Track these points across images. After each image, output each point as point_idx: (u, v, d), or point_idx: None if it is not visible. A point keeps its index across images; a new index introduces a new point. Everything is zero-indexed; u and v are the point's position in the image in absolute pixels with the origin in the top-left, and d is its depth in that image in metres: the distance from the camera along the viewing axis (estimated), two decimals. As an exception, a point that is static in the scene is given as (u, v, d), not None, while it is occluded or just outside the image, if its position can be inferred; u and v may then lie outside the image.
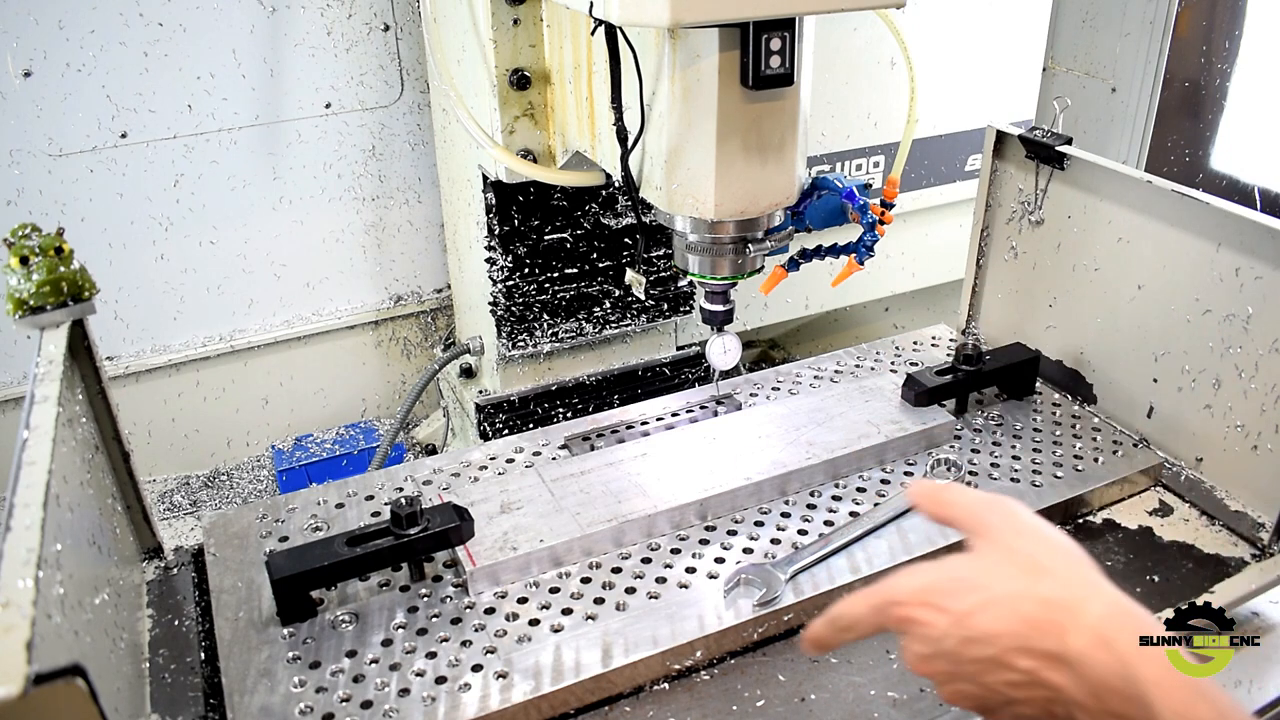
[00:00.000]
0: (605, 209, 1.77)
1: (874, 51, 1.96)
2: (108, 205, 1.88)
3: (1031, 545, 0.77)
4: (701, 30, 1.06)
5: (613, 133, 1.23)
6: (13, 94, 1.74)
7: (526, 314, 1.80)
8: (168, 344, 2.04)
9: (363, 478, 1.37)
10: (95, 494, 1.07)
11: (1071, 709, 0.71)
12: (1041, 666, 0.71)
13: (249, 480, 2.18)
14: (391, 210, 2.14)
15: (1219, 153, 2.16)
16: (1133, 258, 1.42)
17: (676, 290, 1.90)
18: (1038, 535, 0.78)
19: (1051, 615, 0.72)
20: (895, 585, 0.79)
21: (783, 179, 1.19)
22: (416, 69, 2.03)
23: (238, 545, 1.24)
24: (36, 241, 1.06)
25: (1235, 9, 2.07)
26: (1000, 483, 1.34)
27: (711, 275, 1.28)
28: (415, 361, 2.31)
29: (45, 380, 0.98)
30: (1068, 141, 1.49)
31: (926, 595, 0.76)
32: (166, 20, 1.80)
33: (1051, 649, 0.71)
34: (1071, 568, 0.76)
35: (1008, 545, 0.77)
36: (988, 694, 0.75)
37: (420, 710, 1.00)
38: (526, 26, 1.46)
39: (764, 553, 1.22)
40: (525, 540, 1.18)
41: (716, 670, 1.10)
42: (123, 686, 0.96)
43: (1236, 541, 1.29)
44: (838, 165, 2.04)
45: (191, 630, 1.16)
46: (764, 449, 1.35)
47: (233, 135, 1.93)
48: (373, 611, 1.13)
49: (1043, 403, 1.53)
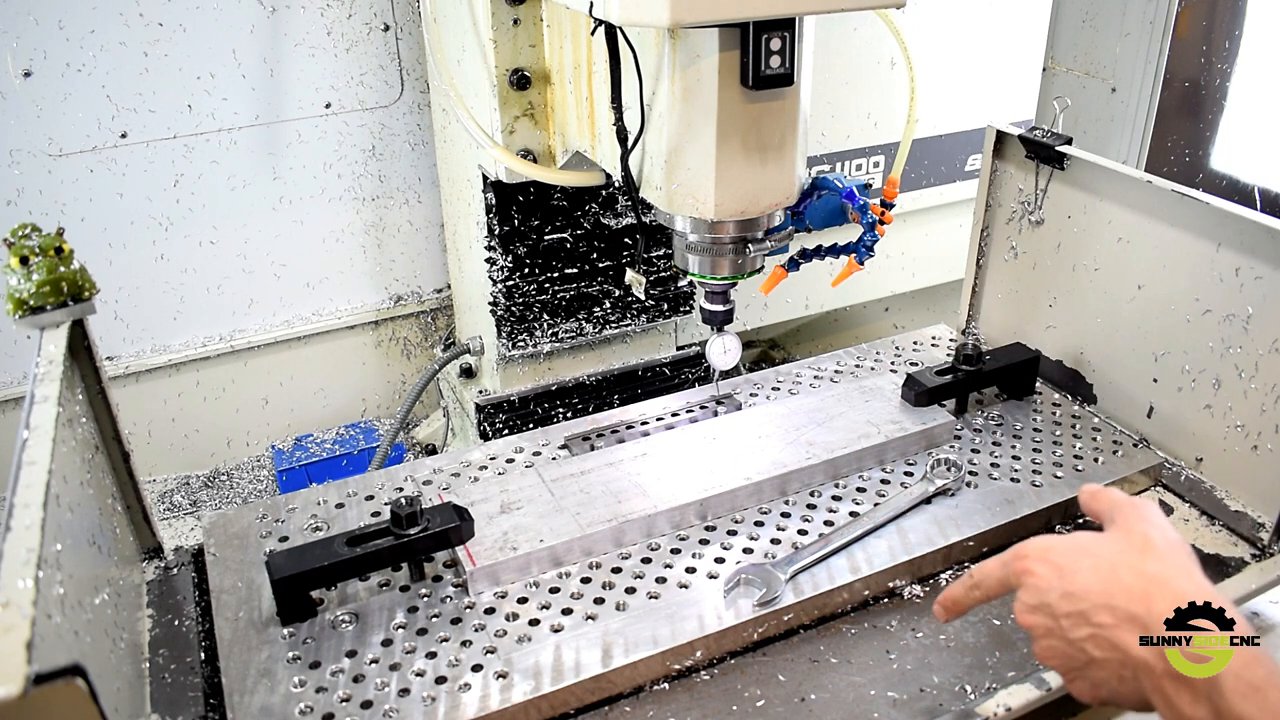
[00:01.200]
0: (605, 209, 1.77)
1: (874, 51, 1.96)
2: (108, 205, 1.88)
3: (1148, 529, 0.85)
4: (701, 30, 1.06)
5: (613, 133, 1.23)
6: (13, 94, 1.74)
7: (526, 314, 1.80)
8: (168, 344, 2.04)
9: (363, 478, 1.37)
10: (95, 494, 1.07)
11: (1138, 672, 0.77)
12: (1119, 624, 0.78)
13: (249, 480, 2.18)
14: (391, 210, 2.14)
15: (1219, 153, 2.16)
16: (1133, 258, 1.42)
17: (676, 290, 1.90)
18: (1157, 524, 0.86)
19: (1143, 585, 0.79)
20: (1025, 543, 0.88)
21: (783, 179, 1.19)
22: (416, 69, 2.03)
23: (238, 545, 1.24)
24: (36, 241, 1.06)
25: (1235, 9, 2.07)
26: (1000, 483, 1.34)
27: (711, 275, 1.28)
28: (415, 361, 2.31)
29: (45, 380, 0.98)
30: (1068, 141, 1.49)
31: (1046, 553, 0.85)
32: (166, 20, 1.80)
33: (1134, 612, 0.78)
34: (1175, 553, 0.83)
35: (1129, 527, 0.86)
36: (1072, 651, 0.82)
37: (420, 710, 1.00)
38: (526, 26, 1.46)
39: (764, 553, 1.22)
40: (525, 540, 1.18)
41: (716, 670, 1.10)
42: (123, 686, 0.96)
43: (1236, 541, 1.29)
44: (838, 165, 2.04)
45: (191, 630, 1.16)
46: (764, 449, 1.35)
47: (233, 135, 1.93)
48: (373, 611, 1.13)
49: (1043, 403, 1.53)
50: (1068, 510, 1.33)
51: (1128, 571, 0.81)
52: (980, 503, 1.30)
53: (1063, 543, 0.86)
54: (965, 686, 1.07)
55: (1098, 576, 0.81)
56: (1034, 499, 1.31)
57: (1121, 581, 0.80)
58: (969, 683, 1.07)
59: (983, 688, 1.06)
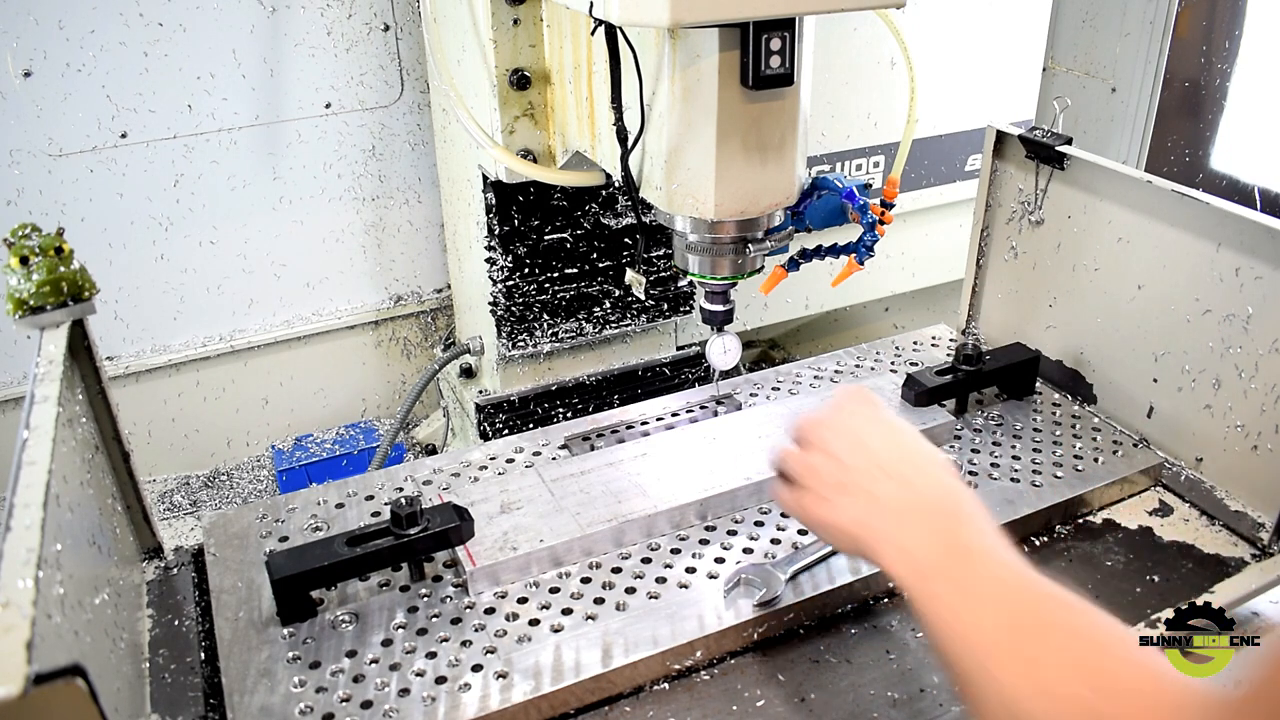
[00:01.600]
0: (605, 209, 1.77)
1: (874, 51, 1.96)
2: (108, 205, 1.88)
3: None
4: (701, 30, 1.06)
5: (613, 133, 1.23)
6: (13, 94, 1.74)
7: (526, 314, 1.80)
8: (168, 344, 2.04)
9: (363, 478, 1.37)
10: (95, 494, 1.07)
11: (878, 521, 0.88)
12: (896, 476, 0.90)
13: (249, 480, 2.18)
14: (391, 210, 2.14)
15: (1219, 153, 2.16)
16: (1133, 258, 1.42)
17: (676, 290, 1.90)
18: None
19: (908, 453, 0.95)
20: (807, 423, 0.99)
21: (783, 179, 1.19)
22: (416, 69, 2.03)
23: (238, 545, 1.24)
24: (36, 241, 1.06)
25: (1235, 9, 2.07)
26: (1000, 482, 1.34)
27: (711, 275, 1.28)
28: (415, 361, 2.31)
29: (45, 380, 0.98)
30: (1068, 141, 1.49)
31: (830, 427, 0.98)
32: (166, 20, 1.80)
33: (905, 473, 0.90)
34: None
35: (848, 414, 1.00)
36: (843, 477, 0.92)
37: (420, 710, 1.00)
38: (526, 26, 1.46)
39: (764, 553, 1.22)
40: (525, 540, 1.18)
41: (716, 670, 1.10)
42: (123, 686, 0.96)
43: (1236, 541, 1.29)
44: (838, 165, 2.04)
45: (191, 630, 1.16)
46: (764, 449, 1.35)
47: (233, 135, 1.93)
48: (373, 611, 1.13)
49: (1043, 403, 1.53)
50: (1068, 510, 1.33)
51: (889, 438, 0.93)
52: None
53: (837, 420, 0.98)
54: (965, 686, 1.07)
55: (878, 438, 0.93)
56: (1034, 499, 1.31)
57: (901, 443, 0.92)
58: (969, 683, 1.07)
59: (983, 688, 1.06)
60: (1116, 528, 1.33)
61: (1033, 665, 0.71)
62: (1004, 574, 0.79)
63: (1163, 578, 1.23)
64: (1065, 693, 0.68)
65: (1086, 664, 0.69)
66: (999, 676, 0.72)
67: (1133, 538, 1.31)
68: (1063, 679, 0.69)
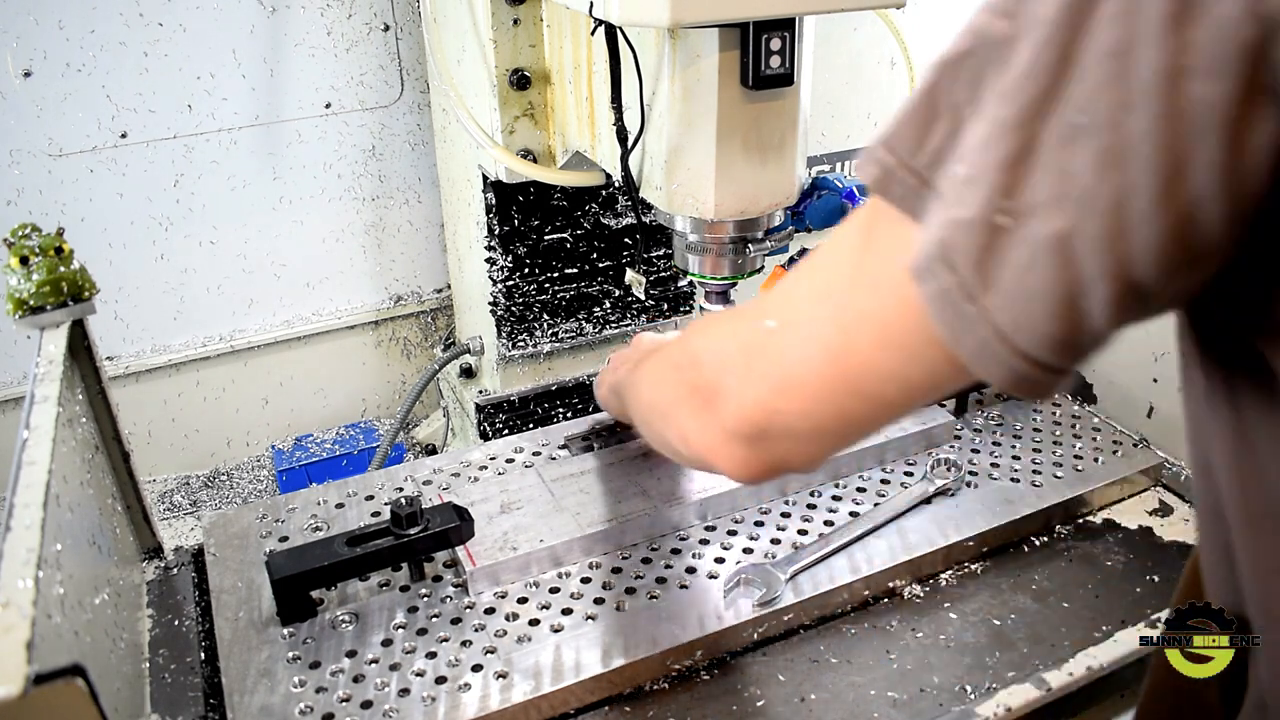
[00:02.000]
0: (605, 209, 1.77)
1: (874, 51, 1.96)
2: (108, 205, 1.87)
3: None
4: (701, 30, 1.06)
5: (613, 133, 1.23)
6: (13, 94, 1.73)
7: (526, 314, 1.80)
8: (168, 344, 2.04)
9: (363, 478, 1.37)
10: (95, 494, 1.07)
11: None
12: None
13: (249, 480, 2.18)
14: (391, 210, 2.14)
15: (1219, 153, 2.16)
16: (1133, 258, 1.42)
17: (676, 290, 1.90)
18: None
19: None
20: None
21: (783, 179, 1.19)
22: (416, 69, 2.03)
23: (238, 545, 1.24)
24: (36, 241, 1.06)
25: (1235, 9, 2.07)
26: (1000, 482, 1.34)
27: (711, 275, 1.28)
28: (415, 361, 2.31)
29: (45, 380, 0.98)
30: (1068, 141, 1.49)
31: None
32: (166, 20, 1.79)
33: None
34: None
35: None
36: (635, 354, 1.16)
37: (420, 710, 1.00)
38: (526, 26, 1.46)
39: (764, 553, 1.22)
40: (525, 540, 1.18)
41: (716, 670, 1.10)
42: (123, 686, 0.96)
43: (1236, 541, 1.29)
44: (838, 165, 2.04)
45: (191, 630, 1.16)
46: (764, 449, 1.35)
47: (233, 135, 1.93)
48: (373, 611, 1.13)
49: (1042, 402, 1.53)
50: (1068, 510, 1.33)
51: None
52: (980, 503, 1.30)
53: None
54: (965, 686, 1.07)
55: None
56: (1034, 499, 1.31)
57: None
58: (969, 683, 1.07)
59: (983, 688, 1.06)
60: (1116, 528, 1.33)
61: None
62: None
63: (1163, 578, 1.23)
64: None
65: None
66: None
67: (1133, 538, 1.31)
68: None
